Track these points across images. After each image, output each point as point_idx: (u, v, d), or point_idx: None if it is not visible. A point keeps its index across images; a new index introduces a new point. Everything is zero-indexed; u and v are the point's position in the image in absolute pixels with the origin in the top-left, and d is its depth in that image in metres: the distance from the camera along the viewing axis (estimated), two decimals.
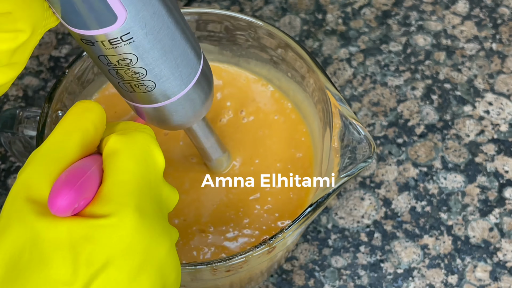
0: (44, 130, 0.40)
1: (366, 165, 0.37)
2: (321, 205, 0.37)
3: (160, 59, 0.32)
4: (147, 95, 0.34)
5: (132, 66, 0.31)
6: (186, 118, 0.36)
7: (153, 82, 0.33)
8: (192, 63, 0.34)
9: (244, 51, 0.46)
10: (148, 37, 0.30)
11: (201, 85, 0.35)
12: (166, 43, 0.31)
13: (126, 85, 0.33)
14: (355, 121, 0.38)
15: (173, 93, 0.34)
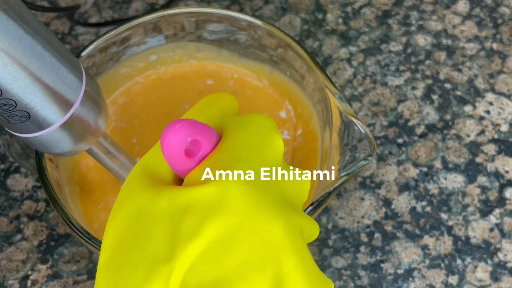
0: None
1: (367, 163, 0.37)
2: (322, 204, 0.37)
3: (28, 88, 0.30)
4: (24, 125, 0.31)
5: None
6: (76, 142, 0.34)
7: (26, 112, 0.30)
8: (71, 87, 0.32)
9: (244, 50, 0.46)
10: (8, 68, 0.28)
11: (87, 106, 0.33)
12: (33, 70, 0.29)
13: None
14: (355, 119, 0.38)
15: (53, 121, 0.32)
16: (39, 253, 0.48)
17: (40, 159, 0.39)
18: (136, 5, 0.59)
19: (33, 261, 0.48)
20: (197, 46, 0.46)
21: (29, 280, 0.47)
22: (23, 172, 0.51)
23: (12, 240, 0.49)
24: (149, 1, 0.60)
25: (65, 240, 0.49)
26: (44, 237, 0.49)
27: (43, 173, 0.39)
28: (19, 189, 0.51)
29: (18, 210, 0.50)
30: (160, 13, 0.44)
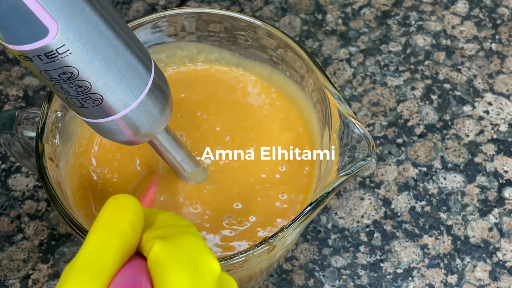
0: (43, 131, 0.40)
1: (365, 164, 0.37)
2: (321, 203, 0.37)
3: (103, 71, 0.31)
4: (96, 109, 0.33)
5: (75, 79, 0.31)
6: (143, 130, 0.35)
7: (99, 95, 0.32)
8: (141, 73, 0.33)
9: (244, 51, 0.46)
10: (86, 48, 0.30)
11: (155, 95, 0.34)
12: (107, 54, 0.31)
13: (73, 100, 0.32)
14: (354, 120, 0.38)
15: (123, 106, 0.33)
16: (40, 252, 0.48)
17: (40, 159, 0.39)
18: (137, 6, 0.59)
19: (34, 261, 0.48)
20: (197, 47, 0.46)
21: (30, 279, 0.47)
22: (24, 172, 0.51)
23: (13, 240, 0.49)
24: (149, 1, 0.60)
25: (66, 240, 0.49)
26: (45, 237, 0.49)
27: (43, 173, 0.39)
28: (20, 189, 0.51)
29: (19, 209, 0.50)
30: (160, 14, 0.44)
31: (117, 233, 0.27)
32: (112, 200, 0.29)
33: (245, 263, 0.37)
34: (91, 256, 0.27)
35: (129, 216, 0.28)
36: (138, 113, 0.34)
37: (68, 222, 0.37)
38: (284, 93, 0.46)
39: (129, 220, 0.28)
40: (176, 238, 0.28)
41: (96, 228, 0.28)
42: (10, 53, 0.57)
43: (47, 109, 0.41)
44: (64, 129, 0.42)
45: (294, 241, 0.44)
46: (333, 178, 0.37)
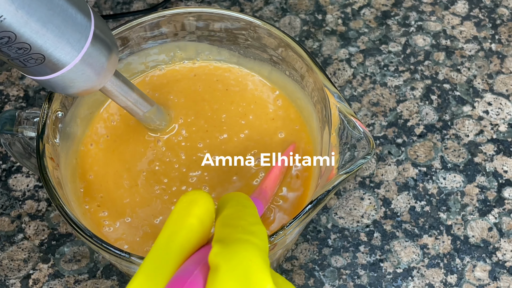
0: (44, 131, 0.40)
1: (365, 162, 0.37)
2: (321, 202, 0.37)
3: (41, 31, 0.31)
4: (40, 68, 0.33)
5: (13, 43, 0.31)
6: (91, 81, 0.35)
7: (41, 54, 0.32)
8: (80, 27, 0.33)
9: (244, 50, 0.46)
10: (20, 12, 0.29)
11: (98, 46, 0.34)
12: (42, 14, 0.31)
13: (15, 61, 0.32)
14: (354, 119, 0.39)
15: (67, 61, 0.33)
16: (40, 252, 0.48)
17: (41, 159, 0.39)
18: (137, 6, 0.60)
19: (35, 260, 0.48)
20: (197, 46, 0.46)
21: (30, 279, 0.48)
22: (25, 172, 0.51)
23: (14, 240, 0.49)
24: (149, 1, 0.60)
25: (66, 240, 0.49)
26: (46, 237, 0.49)
27: (44, 172, 0.39)
28: (21, 189, 0.51)
29: (19, 209, 0.50)
30: (160, 13, 0.44)
31: (184, 227, 0.29)
32: (184, 197, 0.30)
33: None
34: (160, 250, 0.29)
35: (197, 211, 0.29)
36: (83, 66, 0.34)
37: (69, 222, 0.37)
38: (283, 92, 0.46)
39: (196, 214, 0.29)
40: (234, 245, 0.28)
41: (166, 224, 0.30)
42: None
43: (47, 109, 0.41)
44: (64, 129, 0.42)
45: (293, 240, 0.44)
46: (333, 177, 0.37)
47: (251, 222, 0.30)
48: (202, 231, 0.29)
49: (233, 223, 0.30)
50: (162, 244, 0.29)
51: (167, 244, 0.29)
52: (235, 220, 0.30)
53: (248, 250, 0.28)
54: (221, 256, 0.27)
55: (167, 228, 0.29)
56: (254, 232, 0.29)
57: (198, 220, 0.29)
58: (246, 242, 0.28)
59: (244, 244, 0.28)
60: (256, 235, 0.29)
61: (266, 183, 0.41)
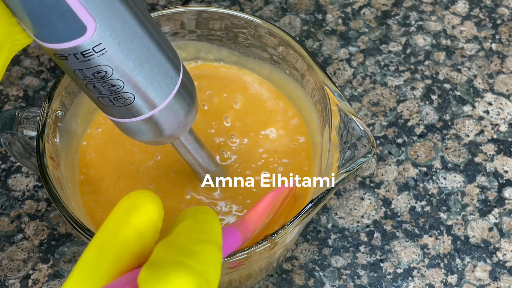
0: (44, 130, 0.40)
1: (366, 160, 0.37)
2: (321, 201, 0.37)
3: (136, 70, 0.31)
4: (127, 109, 0.33)
5: (109, 78, 0.31)
6: (169, 130, 0.35)
7: (131, 94, 0.32)
8: (171, 73, 0.33)
9: (244, 49, 0.46)
10: (121, 47, 0.30)
11: (183, 95, 0.34)
12: (141, 53, 0.31)
13: (105, 99, 0.32)
14: (354, 117, 0.38)
15: (153, 105, 0.33)
16: (40, 252, 0.48)
17: (41, 158, 0.39)
18: None
19: (34, 261, 0.48)
20: (196, 45, 0.46)
21: (30, 279, 0.47)
22: (24, 171, 0.51)
23: (13, 240, 0.49)
24: (149, 1, 0.60)
25: (66, 240, 0.49)
26: (45, 237, 0.49)
27: (44, 172, 0.39)
28: (20, 189, 0.51)
29: (19, 209, 0.50)
30: (160, 12, 0.44)
31: (118, 238, 0.25)
32: (124, 200, 0.26)
33: (246, 260, 0.37)
34: (88, 264, 0.25)
35: (135, 220, 0.25)
36: (166, 113, 0.34)
37: (70, 222, 0.37)
38: (283, 91, 0.46)
39: (134, 225, 0.25)
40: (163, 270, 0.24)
41: (99, 233, 0.26)
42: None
43: (48, 108, 0.41)
44: (64, 128, 0.42)
45: (293, 240, 0.44)
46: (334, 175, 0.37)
47: (195, 240, 0.26)
48: (140, 245, 0.25)
49: (173, 241, 0.26)
50: (92, 256, 0.25)
51: (97, 259, 0.25)
52: (177, 238, 0.26)
53: (178, 276, 0.23)
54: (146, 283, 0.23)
55: (100, 236, 0.25)
56: (194, 252, 0.25)
57: (135, 232, 0.25)
58: (178, 265, 0.24)
59: (175, 268, 0.24)
60: (195, 257, 0.25)
61: (250, 215, 0.37)
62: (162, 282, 0.23)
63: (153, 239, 0.26)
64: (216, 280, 0.25)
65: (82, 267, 0.25)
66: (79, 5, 0.27)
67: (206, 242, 0.26)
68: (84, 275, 0.25)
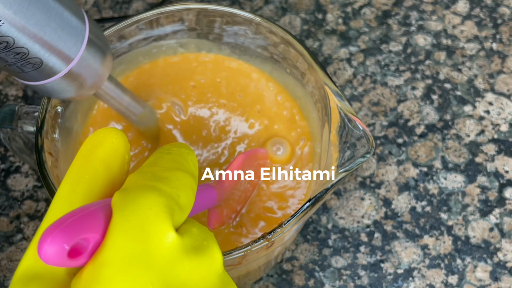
0: (43, 125, 0.40)
1: (365, 160, 0.37)
2: (320, 200, 0.37)
3: (38, 35, 0.31)
4: (37, 72, 0.33)
5: (11, 47, 0.30)
6: (86, 86, 0.35)
7: (38, 59, 0.32)
8: (76, 30, 0.33)
9: (245, 48, 0.46)
10: (17, 16, 0.29)
11: (93, 49, 0.34)
12: (40, 18, 0.30)
13: (12, 67, 0.32)
14: (354, 117, 0.38)
15: (64, 65, 0.33)
16: None
17: (40, 153, 0.39)
18: (136, 5, 0.59)
19: None
20: (197, 43, 0.46)
21: None
22: (24, 172, 0.51)
23: (13, 240, 0.49)
24: (149, 1, 0.60)
25: None
26: None
27: (42, 167, 0.39)
28: (20, 189, 0.51)
29: (18, 210, 0.50)
30: (160, 10, 0.44)
31: (87, 172, 0.26)
32: (90, 137, 0.27)
33: (243, 259, 0.37)
34: (62, 199, 0.25)
35: (101, 153, 0.26)
36: (79, 69, 0.34)
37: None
38: (284, 90, 0.46)
39: (100, 158, 0.26)
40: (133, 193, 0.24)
41: (70, 169, 0.26)
42: None
43: (47, 104, 0.41)
44: (64, 124, 0.42)
45: (292, 238, 0.44)
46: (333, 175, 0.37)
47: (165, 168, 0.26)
48: (109, 176, 0.26)
49: (145, 169, 0.26)
50: (64, 193, 0.26)
51: (69, 194, 0.25)
52: (148, 167, 0.26)
53: (148, 197, 0.24)
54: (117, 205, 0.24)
55: (70, 175, 0.26)
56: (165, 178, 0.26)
57: (102, 164, 0.26)
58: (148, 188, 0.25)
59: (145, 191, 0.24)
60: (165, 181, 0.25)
61: (223, 174, 0.39)
62: (133, 203, 0.24)
63: (122, 170, 0.27)
64: (188, 205, 0.26)
65: (57, 203, 0.25)
66: None
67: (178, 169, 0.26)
68: (59, 211, 0.25)
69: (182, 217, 0.26)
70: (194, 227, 0.26)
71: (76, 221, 0.23)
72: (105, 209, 0.24)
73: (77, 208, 0.24)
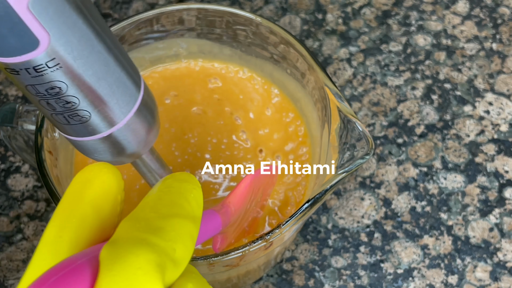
0: (43, 124, 0.40)
1: (364, 162, 0.37)
2: (318, 201, 0.37)
3: (93, 87, 0.29)
4: (82, 127, 0.31)
5: (63, 95, 0.29)
6: (129, 150, 0.33)
7: (87, 112, 0.30)
8: (130, 91, 0.31)
9: (245, 48, 0.46)
10: (77, 62, 0.28)
11: (143, 113, 0.32)
12: (98, 69, 0.29)
13: (59, 116, 0.30)
14: (353, 118, 0.38)
15: (112, 123, 0.31)
16: None
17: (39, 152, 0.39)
18: (136, 5, 0.59)
19: None
20: (197, 43, 0.46)
21: None
22: (24, 172, 0.51)
23: (13, 240, 0.49)
24: (149, 1, 0.60)
25: None
26: None
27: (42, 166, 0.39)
28: (20, 189, 0.51)
29: (18, 210, 0.50)
30: (160, 10, 0.44)
31: (75, 216, 0.24)
32: (78, 175, 0.25)
33: (241, 260, 0.37)
34: (47, 246, 0.24)
35: (90, 195, 0.25)
36: (125, 132, 0.32)
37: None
38: (284, 91, 0.46)
39: (89, 200, 0.24)
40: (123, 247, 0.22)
41: (56, 212, 0.25)
42: None
43: None
44: None
45: (291, 239, 0.44)
46: (331, 176, 0.37)
47: (162, 215, 0.24)
48: (99, 220, 0.24)
49: (138, 215, 0.24)
50: (50, 238, 0.24)
51: (55, 240, 0.24)
52: (143, 212, 0.24)
53: (139, 255, 0.22)
54: (105, 263, 0.22)
55: (56, 217, 0.24)
56: (161, 228, 0.24)
57: (91, 207, 0.24)
58: (140, 243, 0.23)
59: (135, 246, 0.22)
60: (160, 233, 0.23)
61: (230, 198, 0.36)
62: (122, 261, 0.22)
63: (113, 213, 0.25)
64: (185, 258, 0.24)
65: (42, 250, 0.24)
66: (31, 17, 0.25)
67: (176, 216, 0.24)
68: (44, 260, 0.23)
69: (176, 273, 0.24)
70: (189, 283, 0.24)
71: (60, 279, 0.22)
72: (92, 262, 0.23)
73: (62, 262, 0.22)
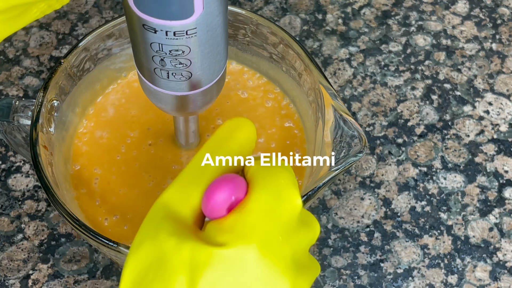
0: (38, 119, 0.40)
1: (357, 159, 0.38)
2: (311, 197, 0.37)
3: (207, 54, 0.32)
4: (176, 84, 0.34)
5: (181, 57, 0.32)
6: (193, 108, 0.36)
7: (190, 73, 0.33)
8: (222, 62, 0.35)
9: (243, 46, 0.46)
10: (208, 33, 0.31)
11: (221, 81, 0.36)
12: (215, 41, 0.32)
13: (163, 72, 0.33)
14: (348, 117, 0.39)
15: (200, 86, 0.34)
16: (40, 252, 0.48)
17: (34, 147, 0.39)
18: None
19: (34, 261, 0.48)
20: None
21: (30, 279, 0.47)
22: (24, 171, 0.51)
23: (13, 240, 0.49)
24: None
25: (66, 240, 0.49)
26: (45, 237, 0.49)
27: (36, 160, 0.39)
28: (20, 189, 0.51)
29: (19, 209, 0.50)
30: None
31: (224, 149, 0.31)
32: (228, 122, 0.32)
33: None
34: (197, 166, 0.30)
35: (239, 136, 0.31)
36: (204, 94, 0.35)
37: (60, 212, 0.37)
38: (281, 89, 0.46)
39: (238, 139, 0.31)
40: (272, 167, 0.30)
41: (206, 145, 0.31)
42: (10, 53, 0.57)
43: (42, 98, 0.41)
44: (60, 118, 0.42)
45: None
46: (325, 173, 0.37)
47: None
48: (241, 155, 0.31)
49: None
50: (199, 162, 0.30)
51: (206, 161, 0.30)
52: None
53: (286, 174, 0.30)
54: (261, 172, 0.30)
55: (206, 148, 0.31)
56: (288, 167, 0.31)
57: (238, 145, 0.31)
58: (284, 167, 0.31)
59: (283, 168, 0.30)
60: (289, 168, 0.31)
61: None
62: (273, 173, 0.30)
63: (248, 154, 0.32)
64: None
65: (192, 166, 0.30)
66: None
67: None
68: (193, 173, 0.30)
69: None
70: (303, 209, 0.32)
71: (238, 182, 0.29)
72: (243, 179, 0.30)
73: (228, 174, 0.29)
